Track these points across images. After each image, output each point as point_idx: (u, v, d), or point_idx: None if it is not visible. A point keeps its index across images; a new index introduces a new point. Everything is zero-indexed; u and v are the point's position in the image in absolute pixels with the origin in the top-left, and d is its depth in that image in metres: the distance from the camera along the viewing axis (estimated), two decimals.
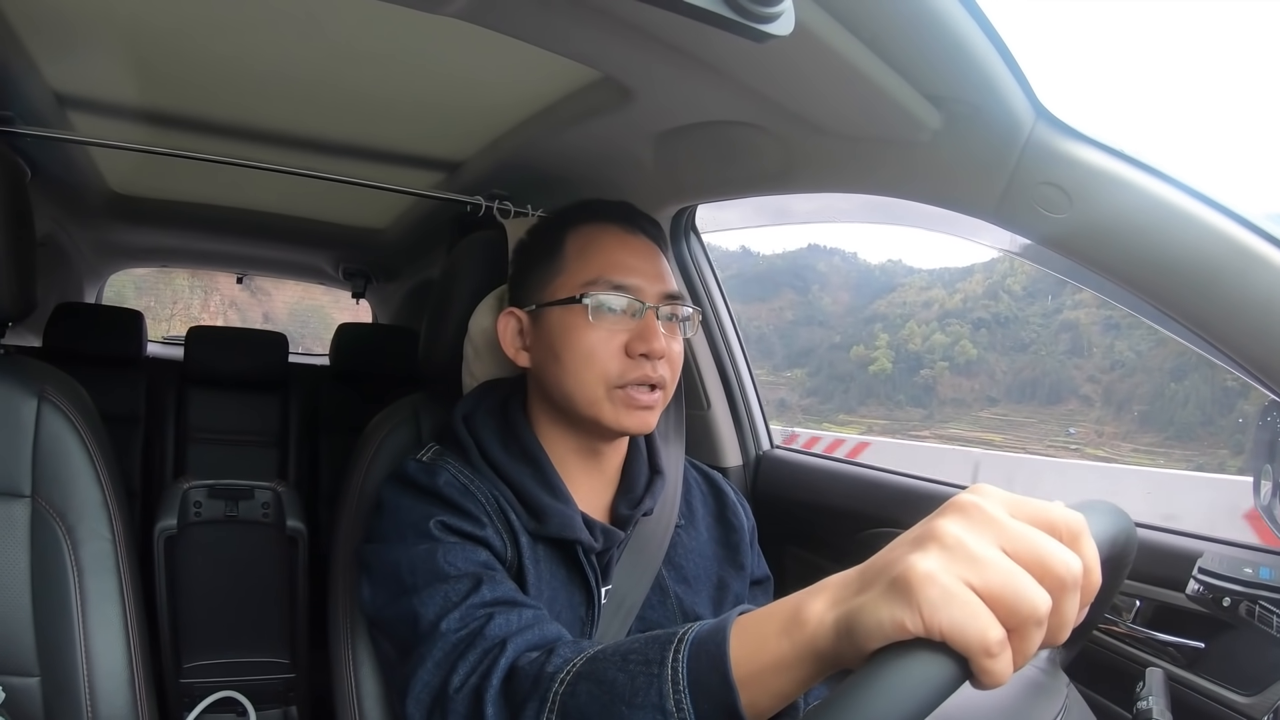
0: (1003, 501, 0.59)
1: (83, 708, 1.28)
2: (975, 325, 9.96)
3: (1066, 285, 9.14)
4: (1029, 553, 0.56)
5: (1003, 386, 9.76)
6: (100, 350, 3.26)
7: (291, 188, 2.43)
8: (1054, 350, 9.46)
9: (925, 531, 0.59)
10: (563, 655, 0.90)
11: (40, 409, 1.32)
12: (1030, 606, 0.53)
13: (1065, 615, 0.56)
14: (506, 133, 1.87)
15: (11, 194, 1.32)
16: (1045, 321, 9.60)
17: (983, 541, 0.56)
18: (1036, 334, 9.63)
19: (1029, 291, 9.68)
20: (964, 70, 1.05)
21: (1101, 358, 9.30)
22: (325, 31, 1.44)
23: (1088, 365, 9.14)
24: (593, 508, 1.26)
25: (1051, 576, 0.55)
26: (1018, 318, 9.29)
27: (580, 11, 1.12)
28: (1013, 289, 9.76)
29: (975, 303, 10.24)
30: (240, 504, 2.47)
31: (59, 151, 2.15)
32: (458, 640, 0.99)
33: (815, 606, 0.66)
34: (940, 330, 10.28)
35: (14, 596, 1.27)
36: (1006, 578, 0.54)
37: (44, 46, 1.57)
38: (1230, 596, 1.11)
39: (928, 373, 10.28)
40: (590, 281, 1.19)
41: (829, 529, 1.89)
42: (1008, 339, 9.78)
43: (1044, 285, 9.63)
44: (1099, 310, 9.24)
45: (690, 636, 0.78)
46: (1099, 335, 9.23)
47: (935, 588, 0.54)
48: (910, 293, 11.13)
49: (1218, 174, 1.09)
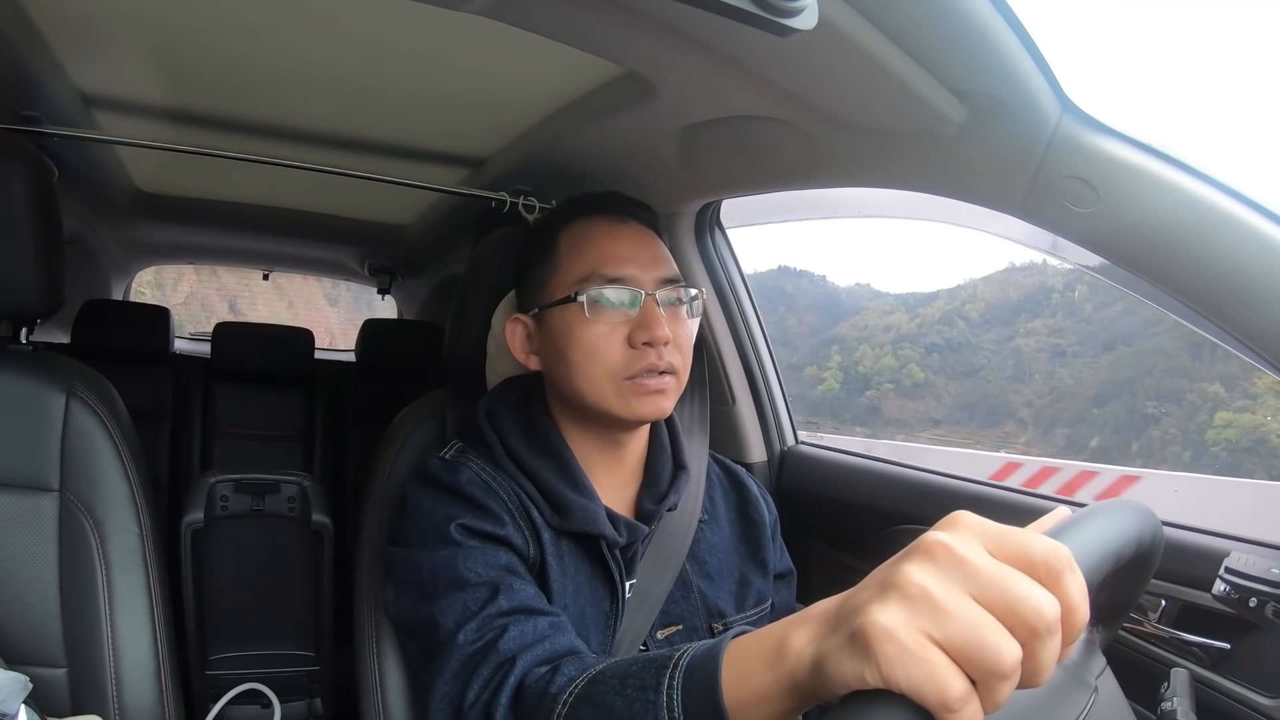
0: (979, 537, 0.56)
1: (109, 699, 1.29)
2: (928, 350, 10.10)
3: (1021, 312, 9.43)
4: (999, 600, 0.52)
5: (946, 408, 9.93)
6: (127, 346, 3.29)
7: (317, 185, 2.44)
8: (999, 375, 9.69)
9: (889, 577, 0.56)
10: (567, 674, 0.91)
11: (68, 404, 1.33)
12: (995, 661, 0.50)
13: (1040, 661, 0.52)
14: (530, 129, 1.87)
15: (39, 193, 1.33)
16: (997, 347, 9.87)
17: (948, 590, 0.53)
18: (987, 359, 9.84)
19: (985, 318, 9.97)
20: (989, 63, 1.04)
21: (1041, 383, 9.55)
22: (350, 30, 1.44)
23: (1026, 390, 9.39)
24: (617, 502, 1.26)
25: (1022, 625, 0.51)
26: (970, 343, 9.41)
27: (603, 7, 1.12)
28: (970, 315, 10.00)
29: (930, 328, 10.41)
30: (266, 498, 2.48)
31: (85, 151, 2.16)
32: (473, 653, 1.00)
33: (797, 640, 0.64)
34: (892, 354, 10.42)
35: (42, 589, 1.29)
36: (971, 630, 0.51)
37: (70, 47, 1.58)
38: (1257, 597, 1.10)
39: (873, 394, 10.38)
40: (584, 278, 1.19)
41: (854, 525, 1.88)
42: (959, 363, 9.94)
43: (1000, 313, 9.92)
44: (1048, 339, 9.51)
45: (684, 663, 0.78)
46: (1044, 362, 9.53)
47: (892, 644, 0.52)
48: (873, 316, 11.25)
49: (1251, 168, 1.08)
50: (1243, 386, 7.91)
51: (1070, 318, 9.70)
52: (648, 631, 1.21)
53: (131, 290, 4.38)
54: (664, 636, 1.23)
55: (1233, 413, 7.87)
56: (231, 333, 3.59)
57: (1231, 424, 7.79)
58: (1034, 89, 1.06)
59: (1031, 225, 1.23)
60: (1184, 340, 8.58)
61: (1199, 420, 8.26)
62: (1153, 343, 9.06)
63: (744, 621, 1.31)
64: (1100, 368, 9.36)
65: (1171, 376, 8.84)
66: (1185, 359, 8.80)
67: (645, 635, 1.21)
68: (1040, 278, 10.01)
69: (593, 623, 1.18)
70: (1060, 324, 9.65)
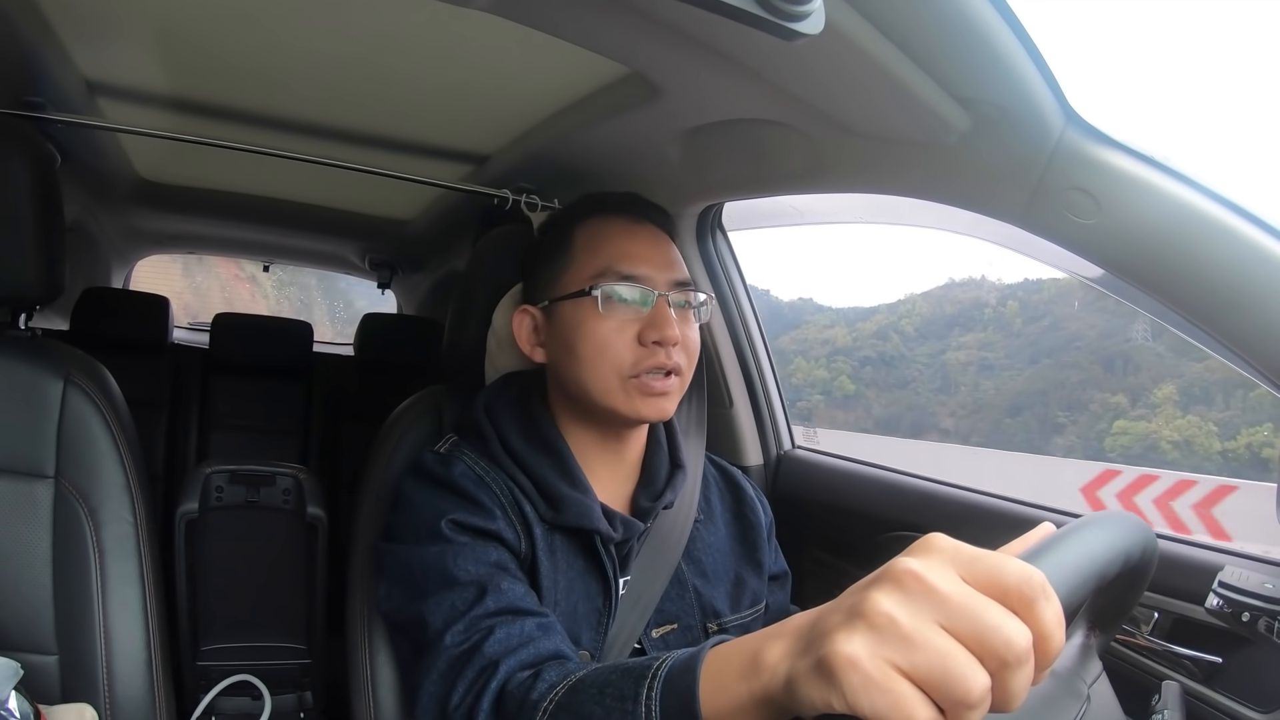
0: (952, 562, 0.55)
1: (100, 687, 1.29)
2: (861, 363, 10.38)
3: (955, 327, 9.90)
4: (968, 629, 0.52)
5: (874, 420, 10.12)
6: (126, 335, 3.28)
7: (319, 177, 2.44)
8: (927, 387, 10.01)
9: (857, 604, 0.56)
10: (548, 680, 0.91)
11: (66, 392, 1.33)
12: (962, 691, 0.50)
13: (1011, 690, 0.51)
14: (534, 126, 1.87)
15: (41, 179, 1.33)
16: (929, 361, 10.19)
17: (916, 619, 0.53)
18: (918, 372, 10.15)
19: (920, 332, 10.32)
20: (993, 72, 1.05)
21: (966, 395, 10.00)
22: (356, 22, 1.44)
23: (951, 402, 9.69)
24: (613, 499, 1.27)
25: (991, 656, 0.51)
26: (904, 356, 9.69)
27: (610, 7, 1.12)
28: (905, 329, 10.30)
29: (865, 341, 10.71)
30: (261, 490, 2.48)
31: (89, 138, 2.16)
32: (458, 655, 1.01)
33: (772, 655, 0.65)
34: (825, 367, 10.58)
35: (35, 575, 1.29)
36: (938, 660, 0.51)
37: (75, 34, 1.58)
38: (1250, 611, 1.10)
39: (804, 405, 10.61)
40: (599, 273, 1.20)
41: (849, 531, 1.88)
42: (890, 376, 10.22)
43: (935, 327, 10.28)
44: (977, 352, 9.93)
45: (663, 673, 0.78)
46: (972, 374, 9.89)
47: (857, 674, 0.52)
48: (812, 330, 11.45)
49: (1253, 180, 1.08)
50: (1145, 398, 9.01)
51: (1000, 332, 10.11)
52: (642, 629, 1.22)
53: (132, 279, 4.38)
54: (659, 635, 1.24)
55: (1129, 420, 8.86)
56: (230, 324, 3.59)
57: (1127, 431, 8.83)
58: (1039, 99, 1.06)
59: (1032, 235, 1.23)
60: (1099, 354, 9.57)
61: (1099, 428, 9.09)
62: (1071, 356, 9.83)
63: (739, 621, 1.31)
64: (1021, 379, 9.93)
65: (1083, 388, 9.54)
66: (1098, 371, 9.60)
67: (640, 633, 1.22)
68: (976, 293, 10.44)
69: (584, 619, 1.18)
70: (990, 338, 10.09)
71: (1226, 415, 8.84)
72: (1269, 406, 8.11)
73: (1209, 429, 8.78)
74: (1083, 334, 10.00)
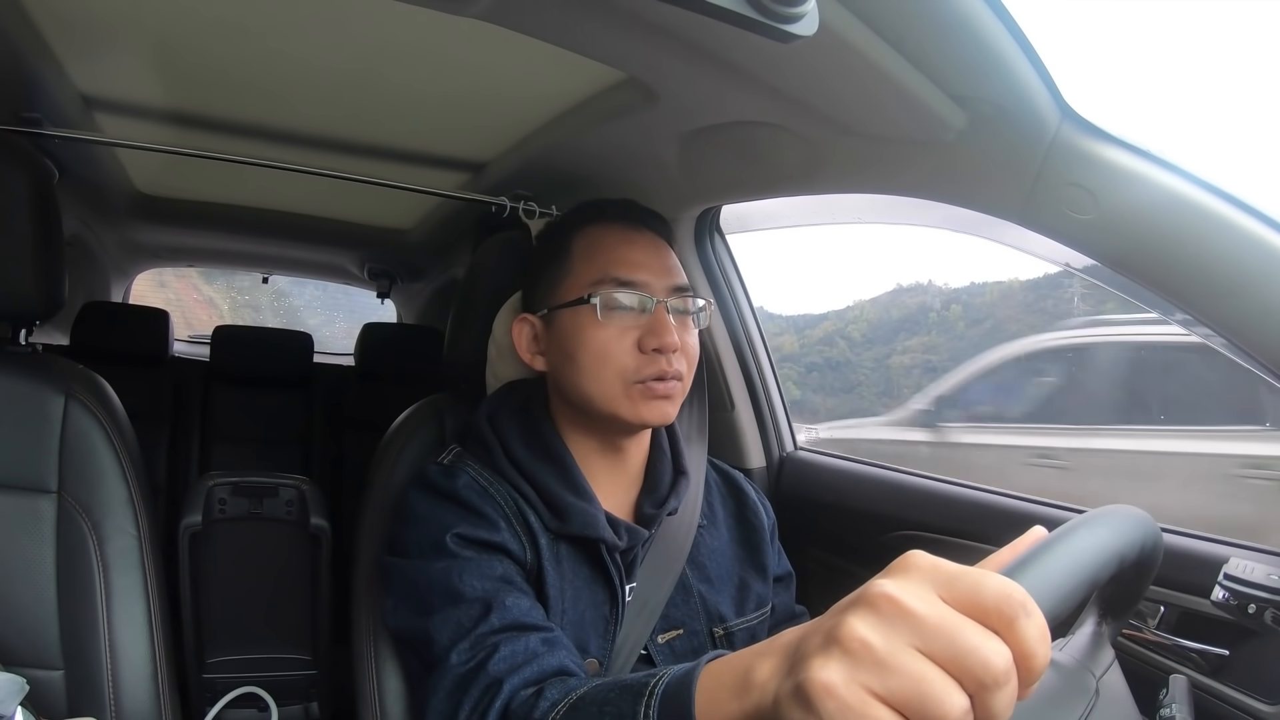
0: (930, 581, 0.55)
1: (106, 702, 1.29)
2: (807, 369, 10.67)
3: (900, 331, 10.46)
4: (944, 652, 0.51)
5: (817, 422, 10.50)
6: (126, 348, 3.28)
7: (317, 188, 2.45)
8: (871, 391, 10.37)
9: (833, 629, 0.55)
10: (550, 699, 0.92)
11: (67, 406, 1.34)
12: (938, 715, 0.50)
13: (992, 711, 0.50)
14: (531, 133, 1.87)
15: (39, 195, 1.33)
16: (875, 365, 10.60)
17: (891, 643, 0.52)
18: (864, 376, 10.51)
19: (866, 338, 10.74)
20: (989, 70, 1.05)
21: (908, 396, 10.38)
22: (351, 33, 1.44)
23: (894, 404, 10.10)
24: (617, 507, 1.27)
25: (969, 678, 0.50)
26: (849, 362, 9.97)
27: (604, 13, 1.12)
28: (852, 335, 10.66)
29: (812, 348, 11.03)
30: (264, 501, 2.48)
31: (86, 152, 2.16)
32: (464, 674, 1.01)
33: (761, 673, 0.65)
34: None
35: (40, 591, 1.29)
36: (914, 684, 0.50)
37: (71, 49, 1.58)
38: (1256, 603, 1.10)
39: None
40: (597, 280, 1.20)
41: (853, 532, 1.88)
42: (836, 381, 10.51)
43: (881, 332, 10.77)
44: (921, 355, 10.43)
45: (659, 690, 0.79)
46: (915, 377, 10.43)
47: (833, 700, 0.52)
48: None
49: (1250, 174, 1.08)
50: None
51: (944, 335, 10.54)
52: (648, 636, 1.22)
53: (131, 293, 4.37)
54: (665, 641, 1.24)
55: None
56: (230, 336, 3.59)
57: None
58: (1034, 95, 1.06)
59: (1031, 231, 1.23)
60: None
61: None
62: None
63: (744, 625, 1.31)
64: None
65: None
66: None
67: (646, 639, 1.22)
68: (923, 298, 10.82)
69: (592, 627, 1.18)
70: (934, 341, 10.48)
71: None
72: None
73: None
74: (1021, 335, 10.50)
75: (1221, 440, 2.89)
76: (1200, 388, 2.94)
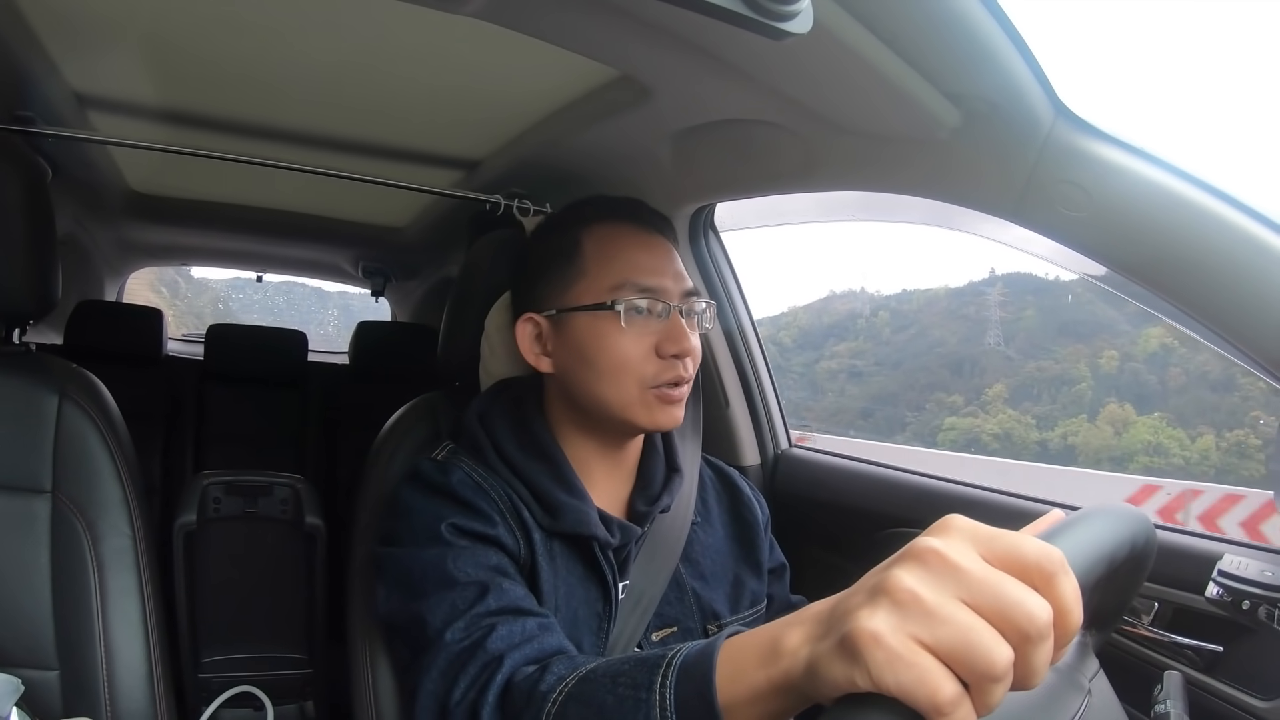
0: (971, 540, 0.56)
1: (101, 702, 1.29)
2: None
3: (830, 337, 10.91)
4: (990, 604, 0.52)
5: None
6: (121, 348, 3.27)
7: (311, 186, 2.44)
8: (797, 394, 10.82)
9: (880, 582, 0.56)
10: (556, 673, 0.90)
11: (61, 406, 1.33)
12: (986, 664, 0.50)
13: (1033, 665, 0.52)
14: (525, 131, 1.87)
15: (33, 193, 1.33)
16: (803, 371, 10.98)
17: (939, 594, 0.53)
18: (791, 381, 10.89)
19: (797, 343, 11.22)
20: (983, 68, 1.05)
21: (830, 400, 11.20)
22: (345, 31, 1.44)
23: (817, 407, 11.03)
24: (610, 504, 1.26)
25: (1014, 630, 0.51)
26: (779, 367, 10.24)
27: (598, 10, 1.12)
28: (783, 341, 11.13)
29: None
30: (259, 500, 2.48)
31: (80, 151, 2.16)
32: (460, 652, 1.00)
33: (791, 640, 0.65)
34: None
35: (35, 591, 1.28)
36: (962, 634, 0.51)
37: (65, 47, 1.58)
38: (1250, 599, 1.11)
39: None
40: (618, 285, 1.19)
41: (847, 529, 1.88)
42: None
43: (812, 338, 11.12)
44: (848, 360, 10.90)
45: (678, 661, 0.78)
46: (840, 382, 10.78)
47: (881, 649, 0.52)
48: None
49: (1242, 170, 1.08)
50: (979, 397, 10.30)
51: (871, 341, 10.90)
52: (642, 633, 1.22)
53: (125, 291, 4.37)
54: (659, 638, 1.23)
55: (959, 418, 10.23)
56: (224, 335, 3.58)
57: (954, 427, 10.15)
58: (1028, 93, 1.07)
59: (1025, 229, 1.23)
60: (949, 359, 10.98)
61: (934, 425, 10.35)
62: (925, 361, 11.23)
63: (739, 623, 1.31)
64: (878, 384, 11.19)
65: (931, 390, 10.81)
66: (946, 374, 10.91)
67: (640, 637, 1.21)
68: (853, 304, 11.22)
69: (585, 624, 1.18)
70: (861, 347, 10.91)
71: (1048, 409, 9.79)
72: (1087, 401, 9.32)
73: (1028, 421, 9.76)
74: (944, 340, 10.89)
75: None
76: None
